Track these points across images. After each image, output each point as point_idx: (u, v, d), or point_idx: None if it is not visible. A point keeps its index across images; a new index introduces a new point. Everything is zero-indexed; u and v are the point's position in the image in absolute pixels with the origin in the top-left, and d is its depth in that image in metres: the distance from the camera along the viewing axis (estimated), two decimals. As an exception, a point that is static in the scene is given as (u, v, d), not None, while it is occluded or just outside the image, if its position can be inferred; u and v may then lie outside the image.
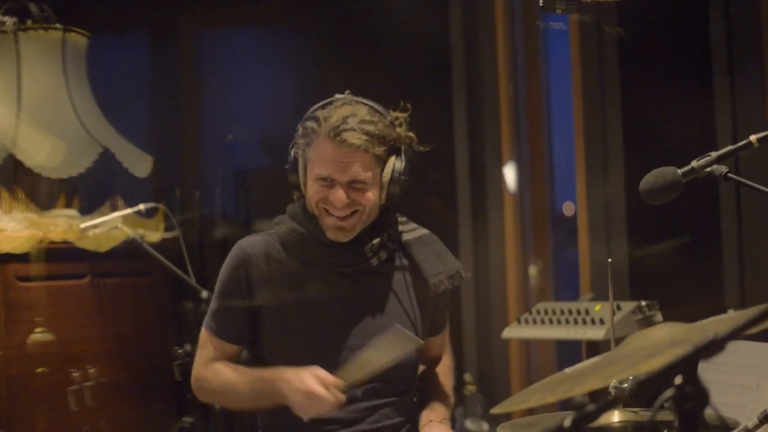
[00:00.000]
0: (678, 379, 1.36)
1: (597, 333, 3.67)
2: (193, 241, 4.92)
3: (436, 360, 3.02)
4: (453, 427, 2.85)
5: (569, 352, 4.44)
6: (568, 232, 4.65)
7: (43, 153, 3.93)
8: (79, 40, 4.42)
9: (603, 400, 1.41)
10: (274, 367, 2.69)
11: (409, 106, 2.75)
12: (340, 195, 2.61)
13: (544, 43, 4.83)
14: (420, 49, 4.83)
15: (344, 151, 2.59)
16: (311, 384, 2.51)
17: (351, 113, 2.62)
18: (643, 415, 2.24)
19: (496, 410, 2.00)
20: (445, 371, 3.02)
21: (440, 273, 2.81)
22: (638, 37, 4.07)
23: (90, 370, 4.26)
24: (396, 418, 2.77)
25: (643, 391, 1.39)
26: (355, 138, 2.58)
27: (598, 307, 3.75)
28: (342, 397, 2.53)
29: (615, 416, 2.28)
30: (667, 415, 2.00)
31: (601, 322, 3.68)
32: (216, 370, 2.77)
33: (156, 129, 5.31)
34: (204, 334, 2.82)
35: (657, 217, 3.88)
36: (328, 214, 2.66)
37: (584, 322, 3.73)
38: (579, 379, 1.69)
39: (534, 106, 4.79)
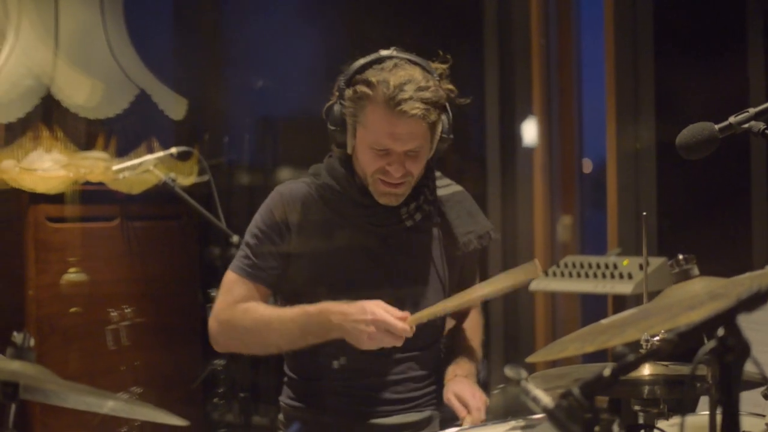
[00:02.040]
0: (721, 331, 1.36)
1: (625, 287, 3.68)
2: (221, 186, 4.94)
3: (464, 315, 3.02)
4: (478, 381, 2.85)
5: (594, 307, 4.45)
6: (596, 188, 4.64)
7: (81, 93, 3.93)
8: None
9: (644, 351, 1.43)
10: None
11: (449, 56, 2.68)
12: (398, 167, 2.57)
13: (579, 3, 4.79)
14: (452, 0, 4.80)
15: (404, 122, 2.52)
16: (380, 313, 2.50)
17: (407, 78, 2.52)
18: (674, 368, 2.24)
19: (531, 359, 2.02)
20: (473, 327, 3.01)
21: (470, 232, 2.81)
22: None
23: (127, 311, 4.29)
24: (420, 370, 2.78)
25: (683, 343, 1.39)
26: (414, 108, 2.49)
27: (626, 262, 3.76)
28: (410, 330, 2.51)
29: (645, 370, 2.28)
30: (700, 370, 2.02)
31: (629, 276, 3.69)
32: (247, 309, 2.70)
33: (186, 74, 5.30)
34: (232, 277, 2.76)
35: (686, 173, 3.88)
36: (382, 183, 2.63)
37: (612, 276, 3.74)
38: (618, 330, 1.70)
39: (565, 61, 4.75)
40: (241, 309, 2.72)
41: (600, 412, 1.48)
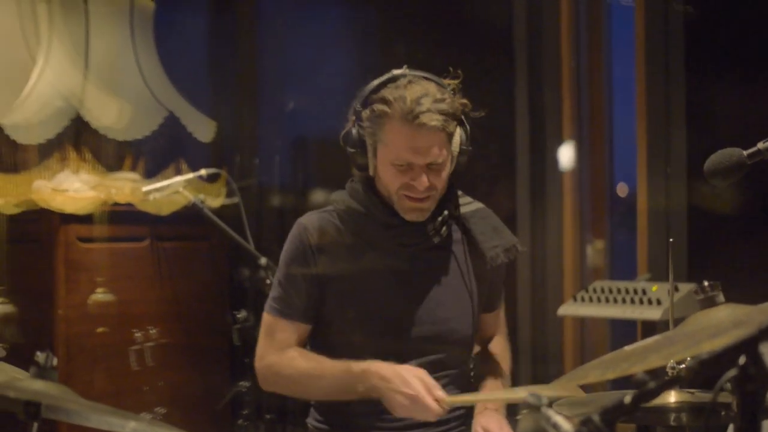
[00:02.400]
0: (742, 360, 1.34)
1: (653, 313, 3.65)
2: (250, 208, 4.96)
3: (490, 338, 3.00)
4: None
5: (623, 332, 4.42)
6: (626, 212, 4.61)
7: (110, 114, 3.97)
8: (146, 3, 4.46)
9: (664, 378, 1.41)
10: (337, 346, 2.69)
11: (460, 72, 2.69)
12: (423, 180, 2.57)
13: (608, 19, 4.77)
14: (482, 21, 4.79)
15: (423, 134, 2.54)
16: (420, 390, 2.48)
17: (423, 93, 2.55)
18: (699, 396, 2.23)
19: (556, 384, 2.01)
20: (501, 354, 2.99)
21: (497, 246, 2.80)
22: (705, 14, 4.01)
23: (151, 332, 4.31)
24: (452, 391, 2.77)
25: (705, 371, 1.38)
26: (433, 120, 2.52)
27: (655, 288, 3.73)
28: (443, 412, 2.50)
29: (672, 397, 2.27)
30: (725, 397, 2.00)
31: (658, 302, 3.66)
32: (292, 357, 2.71)
33: (217, 95, 5.33)
34: (268, 318, 2.77)
35: (718, 198, 3.85)
36: (408, 199, 2.64)
37: (641, 302, 3.71)
38: (640, 357, 1.69)
39: (596, 83, 4.74)
40: (287, 357, 2.73)
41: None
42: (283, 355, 2.73)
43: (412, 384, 2.49)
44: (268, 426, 4.20)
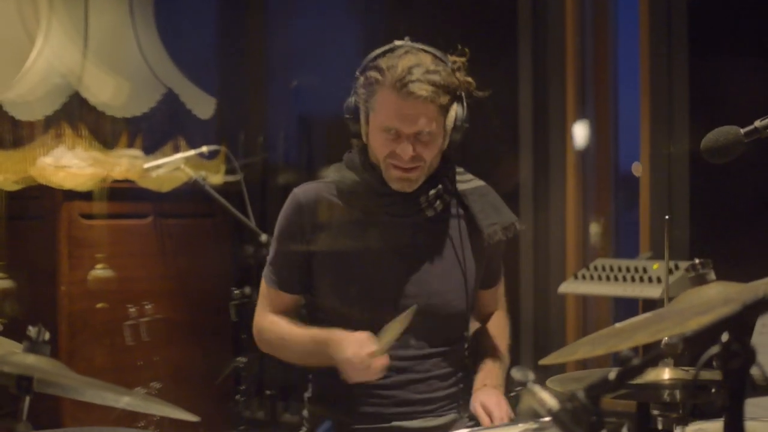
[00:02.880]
0: (724, 337, 1.35)
1: (654, 291, 3.65)
2: (255, 185, 4.97)
3: (489, 315, 3.00)
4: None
5: (626, 310, 4.42)
6: (631, 191, 4.61)
7: (109, 91, 3.97)
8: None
9: (649, 355, 1.42)
10: (331, 316, 2.72)
11: (467, 50, 2.69)
12: (406, 148, 2.58)
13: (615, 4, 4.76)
14: (487, 1, 4.79)
15: (411, 103, 2.55)
16: (355, 351, 2.51)
17: (416, 63, 2.57)
18: (692, 373, 2.22)
19: (544, 361, 2.01)
20: (500, 330, 2.99)
21: (495, 224, 2.80)
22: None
23: (147, 307, 4.33)
24: (446, 368, 2.77)
25: (688, 348, 1.38)
26: (422, 89, 2.53)
27: (656, 266, 3.73)
28: (378, 368, 2.52)
29: (665, 374, 2.27)
30: (717, 374, 2.00)
31: (659, 280, 3.66)
32: (272, 322, 2.80)
33: (222, 73, 5.33)
34: (264, 286, 2.83)
35: (720, 177, 3.84)
36: (394, 167, 2.64)
37: (641, 280, 3.71)
38: (628, 334, 1.69)
39: (601, 62, 4.72)
40: (268, 321, 2.81)
41: (605, 415, 1.47)
42: (268, 320, 2.81)
43: (346, 348, 2.52)
44: (269, 401, 4.22)
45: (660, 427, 2.25)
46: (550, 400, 1.56)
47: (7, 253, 4.09)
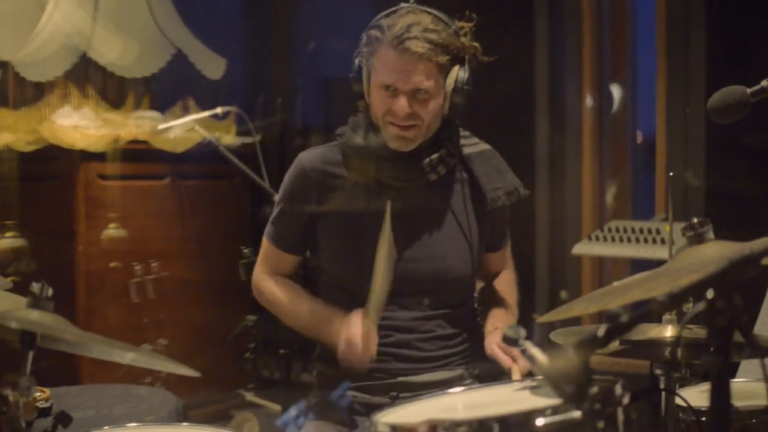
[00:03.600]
0: (710, 294, 1.35)
1: (664, 252, 3.64)
2: (273, 146, 4.98)
3: (495, 276, 3.01)
4: None
5: (642, 271, 4.41)
6: (650, 155, 4.59)
7: (117, 52, 3.98)
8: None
9: (636, 312, 1.42)
10: (334, 280, 2.75)
11: (474, 15, 2.69)
12: (402, 104, 2.59)
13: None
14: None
15: (407, 59, 2.56)
16: (344, 334, 2.54)
17: (415, 21, 2.58)
18: (696, 331, 2.23)
19: (542, 319, 2.02)
20: (508, 285, 3.00)
21: (499, 188, 2.79)
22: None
23: (159, 266, 4.36)
24: (450, 329, 2.78)
25: (675, 305, 1.39)
26: (418, 46, 2.54)
27: (668, 227, 3.72)
28: (370, 352, 2.54)
29: (668, 332, 2.27)
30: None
31: (672, 241, 3.65)
32: (274, 284, 2.83)
33: (239, 34, 5.33)
34: (265, 243, 2.86)
35: (736, 138, 3.83)
36: (391, 124, 2.65)
37: (654, 241, 3.72)
38: (622, 292, 1.70)
39: (618, 23, 4.69)
40: (269, 283, 2.84)
41: (594, 372, 1.49)
42: (268, 280, 2.84)
43: (344, 329, 2.54)
44: (282, 360, 4.26)
45: (662, 386, 2.26)
46: (541, 357, 1.57)
47: (24, 214, 4.12)
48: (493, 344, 2.64)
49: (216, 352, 4.51)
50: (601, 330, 1.43)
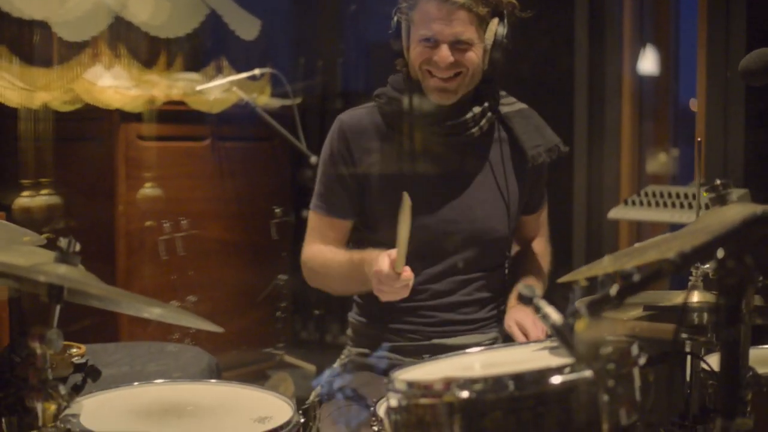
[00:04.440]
0: (720, 253, 1.35)
1: (698, 217, 3.63)
2: (314, 108, 4.99)
3: (530, 241, 3.01)
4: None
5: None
6: (692, 122, 4.55)
7: (150, 12, 3.98)
8: None
9: (648, 271, 1.42)
10: (375, 242, 2.72)
11: None
12: (444, 53, 2.60)
13: None
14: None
15: (447, 8, 2.57)
16: (376, 268, 2.46)
17: None
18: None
19: (562, 280, 2.03)
20: (540, 254, 3.00)
21: (539, 146, 2.80)
22: None
23: (190, 224, 4.39)
24: (486, 292, 2.80)
25: (687, 264, 1.39)
26: None
27: (705, 193, 3.69)
28: (405, 282, 2.44)
29: (695, 297, 2.26)
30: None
31: (707, 206, 3.63)
32: (318, 251, 2.80)
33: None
34: (312, 215, 2.84)
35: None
36: (431, 76, 2.65)
37: (690, 206, 3.69)
38: (640, 252, 1.70)
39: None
40: (314, 250, 2.81)
41: (607, 332, 1.49)
42: (314, 248, 2.81)
43: (376, 263, 2.46)
44: (317, 320, 4.28)
45: (688, 350, 2.26)
46: (554, 315, 1.58)
47: (64, 173, 4.16)
48: (511, 320, 2.67)
49: (252, 312, 4.55)
50: (613, 289, 1.43)
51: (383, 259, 2.43)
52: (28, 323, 3.25)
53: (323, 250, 2.79)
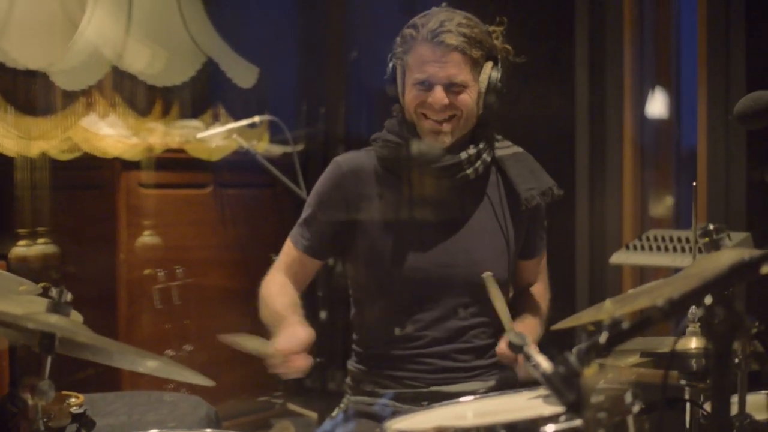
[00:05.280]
0: (708, 300, 1.34)
1: (703, 262, 3.61)
2: (316, 155, 5.00)
3: (528, 286, 2.98)
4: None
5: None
6: (693, 162, 4.55)
7: (147, 61, 4.00)
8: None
9: (637, 319, 1.41)
10: (372, 286, 2.75)
11: (505, 19, 2.74)
12: (439, 95, 2.61)
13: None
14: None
15: (442, 51, 2.59)
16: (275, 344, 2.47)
17: (448, 18, 2.62)
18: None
19: (562, 325, 2.02)
20: (538, 297, 2.96)
21: (533, 188, 2.79)
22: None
23: (192, 272, 4.36)
24: (485, 340, 2.77)
25: (675, 312, 1.38)
26: (452, 39, 2.58)
27: (692, 236, 3.69)
28: (298, 366, 2.44)
29: (693, 343, 2.24)
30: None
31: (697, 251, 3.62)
32: (272, 281, 2.81)
33: (280, 44, 5.35)
34: (287, 242, 2.85)
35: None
36: (426, 118, 2.66)
37: (691, 250, 3.67)
38: (631, 299, 1.69)
39: (661, 32, 4.65)
40: (271, 278, 2.82)
41: (598, 380, 1.47)
42: (274, 276, 2.82)
43: (281, 336, 2.48)
44: (317, 369, 4.26)
45: (687, 396, 2.24)
46: (544, 363, 1.57)
47: (65, 221, 4.16)
48: (502, 343, 2.60)
49: (252, 360, 4.52)
50: (602, 337, 1.42)
51: (285, 337, 2.45)
52: (21, 374, 3.25)
53: (276, 283, 2.80)
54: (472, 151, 2.72)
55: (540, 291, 2.99)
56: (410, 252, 2.72)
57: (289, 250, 2.85)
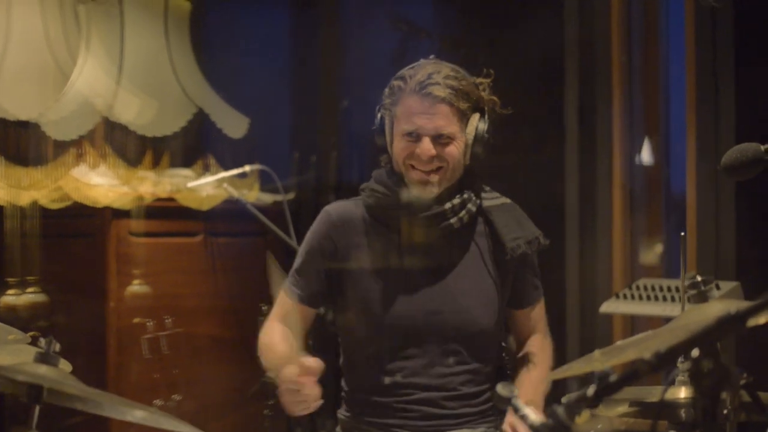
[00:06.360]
0: (695, 353, 1.35)
1: (693, 311, 3.61)
2: (308, 203, 5.01)
3: (527, 337, 3.00)
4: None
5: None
6: (683, 210, 4.56)
7: (142, 112, 4.02)
8: (181, 4, 4.49)
9: (625, 372, 1.42)
10: (359, 333, 2.80)
11: (492, 71, 2.80)
12: (426, 146, 2.66)
13: (662, 15, 4.71)
14: (533, 18, 4.78)
15: (429, 103, 2.64)
16: (282, 387, 2.44)
17: (436, 70, 2.68)
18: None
19: (553, 376, 2.02)
20: (538, 352, 2.97)
21: (519, 238, 2.83)
22: (755, 6, 3.96)
23: (183, 321, 4.35)
24: (475, 387, 2.80)
25: (662, 365, 1.38)
26: (439, 90, 2.64)
27: (681, 286, 3.70)
28: (309, 396, 2.41)
29: (682, 393, 2.25)
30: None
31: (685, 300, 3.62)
32: (270, 330, 2.84)
33: (268, 92, 5.37)
34: (282, 293, 2.89)
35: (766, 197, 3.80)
36: (414, 169, 2.71)
37: (681, 299, 3.68)
38: (618, 351, 1.69)
39: (650, 78, 4.69)
40: (269, 327, 2.86)
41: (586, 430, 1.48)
42: (272, 325, 2.85)
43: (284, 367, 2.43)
44: (305, 418, 4.24)
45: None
46: (533, 415, 1.57)
47: (54, 270, 4.15)
48: (506, 423, 2.64)
49: (241, 409, 4.50)
50: (590, 390, 1.43)
51: (291, 366, 2.40)
52: (9, 423, 3.24)
53: (276, 332, 2.81)
54: (456, 200, 2.76)
55: (538, 343, 3.00)
56: (398, 299, 2.76)
57: (282, 301, 2.89)
